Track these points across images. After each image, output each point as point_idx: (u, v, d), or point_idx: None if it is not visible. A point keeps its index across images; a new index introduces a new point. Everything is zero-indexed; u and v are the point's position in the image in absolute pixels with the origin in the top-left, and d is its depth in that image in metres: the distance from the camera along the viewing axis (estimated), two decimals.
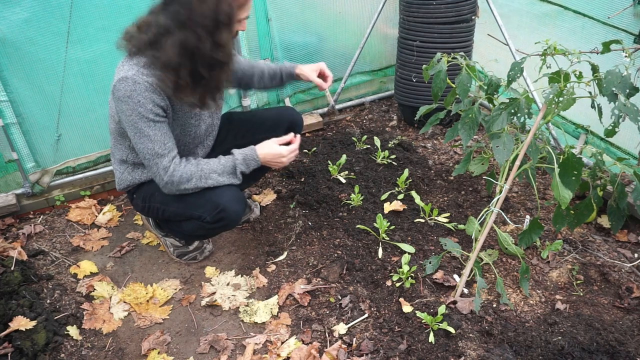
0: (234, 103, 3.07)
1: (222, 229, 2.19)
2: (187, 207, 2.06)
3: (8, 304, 1.96)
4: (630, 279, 2.12)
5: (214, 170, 1.99)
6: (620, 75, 1.70)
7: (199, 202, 2.02)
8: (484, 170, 2.57)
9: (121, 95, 1.83)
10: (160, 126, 1.90)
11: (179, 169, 1.94)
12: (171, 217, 2.17)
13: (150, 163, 1.93)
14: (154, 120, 1.87)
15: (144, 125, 1.86)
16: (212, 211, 2.02)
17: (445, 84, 2.20)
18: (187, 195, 2.03)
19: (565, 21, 2.73)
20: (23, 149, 2.55)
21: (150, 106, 1.84)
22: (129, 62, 1.85)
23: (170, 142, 1.94)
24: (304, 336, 1.95)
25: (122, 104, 1.85)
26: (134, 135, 1.90)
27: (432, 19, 2.92)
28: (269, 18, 2.95)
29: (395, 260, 2.25)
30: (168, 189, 1.98)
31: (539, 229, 2.03)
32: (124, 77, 1.82)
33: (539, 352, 1.81)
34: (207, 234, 2.26)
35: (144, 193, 2.16)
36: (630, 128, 2.05)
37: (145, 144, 1.90)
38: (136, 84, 1.81)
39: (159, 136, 1.90)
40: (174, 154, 1.95)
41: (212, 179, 1.99)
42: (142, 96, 1.82)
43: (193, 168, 1.96)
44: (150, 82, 1.82)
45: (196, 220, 2.09)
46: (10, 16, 2.27)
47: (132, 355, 1.95)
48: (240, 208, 2.07)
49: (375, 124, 3.39)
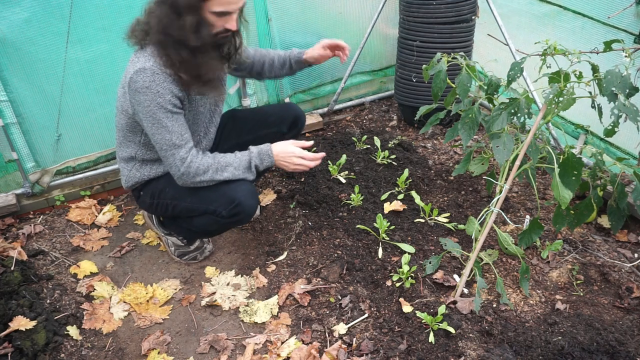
0: (234, 103, 3.07)
1: (237, 224, 2.19)
2: (201, 201, 2.07)
3: (8, 304, 1.96)
4: (630, 279, 2.13)
5: (230, 164, 2.00)
6: (620, 75, 1.70)
7: (214, 197, 2.03)
8: (484, 170, 2.57)
9: (139, 87, 1.83)
10: (177, 117, 1.92)
11: (196, 161, 1.95)
12: (182, 212, 2.16)
13: (167, 154, 1.94)
14: (172, 111, 1.89)
15: (163, 115, 1.87)
16: (227, 205, 2.02)
17: (445, 84, 2.20)
18: (202, 190, 2.04)
19: (565, 21, 2.73)
20: (23, 148, 2.55)
21: (169, 97, 1.86)
22: (143, 54, 1.87)
23: (187, 134, 1.96)
24: (304, 336, 1.95)
25: (140, 95, 1.84)
26: (152, 127, 1.90)
27: (432, 19, 2.92)
28: (269, 18, 2.95)
29: (395, 260, 2.25)
30: (183, 180, 1.98)
31: (539, 229, 2.03)
32: (141, 69, 1.83)
33: (539, 352, 1.81)
34: (220, 229, 2.26)
35: (153, 189, 2.16)
36: (630, 128, 2.05)
37: (162, 134, 1.90)
38: (155, 75, 1.82)
39: (177, 127, 1.91)
40: (191, 145, 1.96)
41: (228, 172, 2.00)
42: (161, 87, 1.84)
43: (210, 160, 1.97)
44: (168, 73, 1.85)
45: (211, 215, 2.08)
46: (10, 16, 2.27)
47: (132, 355, 1.95)
48: (255, 203, 2.09)
49: (375, 124, 3.39)
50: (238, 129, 2.40)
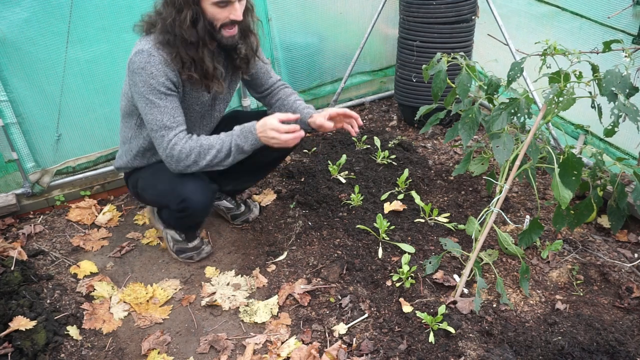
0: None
1: (190, 219, 2.16)
2: (158, 195, 2.11)
3: (8, 304, 1.96)
4: (630, 279, 2.13)
5: (213, 146, 1.95)
6: (620, 75, 1.70)
7: (166, 191, 2.06)
8: (484, 170, 2.57)
9: (135, 68, 1.87)
10: (171, 99, 1.92)
11: (180, 143, 1.93)
12: (151, 204, 2.27)
13: (157, 135, 1.94)
14: (165, 93, 1.90)
15: (155, 97, 1.89)
16: (175, 200, 2.04)
17: (445, 84, 2.20)
18: (158, 184, 2.07)
19: (563, 22, 2.73)
20: (23, 149, 2.55)
21: (163, 79, 1.87)
22: (146, 38, 1.91)
23: (180, 117, 1.95)
24: (304, 336, 1.95)
25: (136, 76, 1.87)
26: (144, 107, 1.91)
27: (432, 19, 2.92)
28: (269, 18, 2.95)
29: (395, 260, 2.25)
30: (170, 164, 1.98)
31: (539, 229, 2.03)
32: (140, 50, 1.87)
33: (539, 352, 1.81)
34: (179, 224, 2.27)
35: (134, 179, 2.22)
36: (629, 128, 2.05)
37: (154, 114, 1.91)
38: (151, 56, 1.85)
39: (169, 109, 1.92)
40: (182, 128, 1.95)
41: (210, 155, 1.94)
42: (155, 68, 1.85)
43: (193, 143, 1.94)
44: (164, 56, 1.87)
45: (166, 209, 2.16)
46: (10, 16, 2.27)
47: (132, 355, 1.95)
48: (204, 198, 2.06)
49: (375, 124, 3.39)
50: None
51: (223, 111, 2.28)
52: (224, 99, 2.23)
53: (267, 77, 2.28)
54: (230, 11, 1.83)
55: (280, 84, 2.33)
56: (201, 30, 1.83)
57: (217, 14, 1.83)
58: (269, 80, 2.29)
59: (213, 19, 1.84)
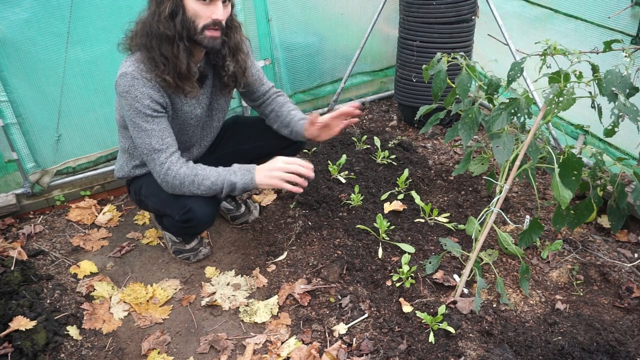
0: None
1: (192, 230, 2.18)
2: (162, 203, 2.10)
3: (8, 304, 1.96)
4: (630, 279, 2.13)
5: (208, 177, 1.95)
6: (620, 75, 1.70)
7: (170, 201, 2.04)
8: (484, 170, 2.56)
9: (121, 91, 1.88)
10: (158, 121, 1.91)
11: (174, 169, 1.93)
12: (154, 211, 2.25)
13: (148, 158, 1.95)
14: (152, 115, 1.89)
15: (141, 120, 1.89)
16: (179, 211, 2.03)
17: (445, 84, 2.20)
18: (161, 192, 2.04)
19: (557, 24, 2.73)
20: (23, 149, 2.55)
21: (147, 102, 1.86)
22: (130, 59, 1.90)
23: (169, 138, 1.94)
24: (304, 336, 1.95)
25: (122, 99, 1.89)
26: (133, 130, 1.93)
27: (432, 19, 2.92)
28: (269, 18, 2.95)
29: (395, 260, 2.25)
30: (164, 187, 1.99)
31: (539, 229, 2.03)
32: (124, 73, 1.86)
33: (539, 352, 1.81)
34: (181, 233, 2.28)
35: (136, 186, 2.21)
36: (629, 128, 2.05)
37: (143, 138, 1.91)
38: (134, 80, 1.84)
39: (157, 131, 1.91)
40: (173, 150, 1.95)
41: (204, 186, 1.95)
42: (139, 92, 1.85)
43: (187, 171, 1.94)
44: (148, 78, 1.85)
45: (169, 218, 2.13)
46: (10, 16, 2.27)
47: (132, 355, 1.95)
48: (209, 210, 2.05)
49: (375, 124, 3.39)
50: (237, 136, 2.38)
51: (222, 120, 2.28)
52: (221, 108, 2.22)
53: (259, 84, 2.26)
54: (213, 10, 1.81)
55: (273, 93, 2.31)
56: (179, 24, 1.80)
57: (199, 11, 1.80)
58: (260, 87, 2.27)
59: (195, 17, 1.81)
